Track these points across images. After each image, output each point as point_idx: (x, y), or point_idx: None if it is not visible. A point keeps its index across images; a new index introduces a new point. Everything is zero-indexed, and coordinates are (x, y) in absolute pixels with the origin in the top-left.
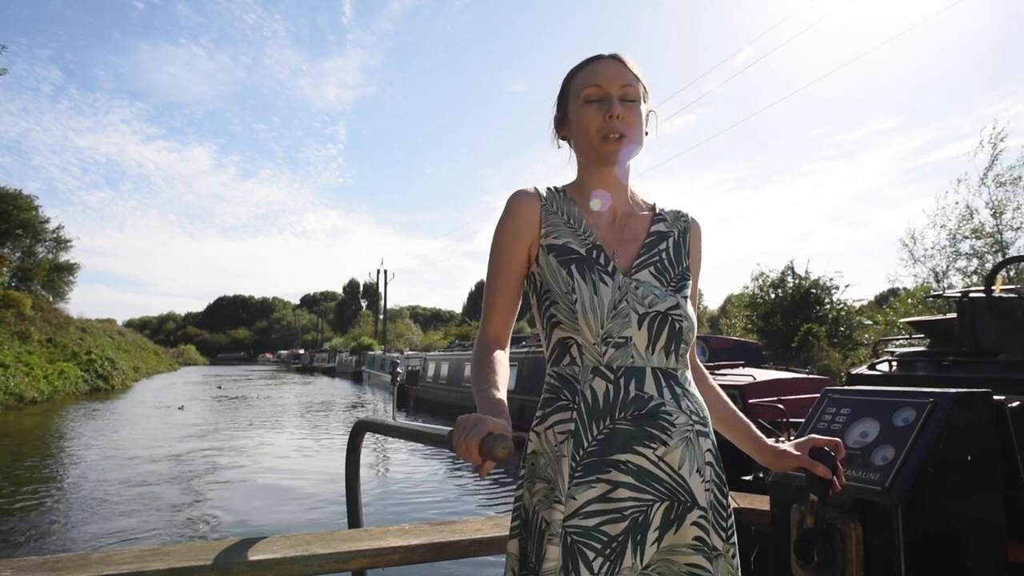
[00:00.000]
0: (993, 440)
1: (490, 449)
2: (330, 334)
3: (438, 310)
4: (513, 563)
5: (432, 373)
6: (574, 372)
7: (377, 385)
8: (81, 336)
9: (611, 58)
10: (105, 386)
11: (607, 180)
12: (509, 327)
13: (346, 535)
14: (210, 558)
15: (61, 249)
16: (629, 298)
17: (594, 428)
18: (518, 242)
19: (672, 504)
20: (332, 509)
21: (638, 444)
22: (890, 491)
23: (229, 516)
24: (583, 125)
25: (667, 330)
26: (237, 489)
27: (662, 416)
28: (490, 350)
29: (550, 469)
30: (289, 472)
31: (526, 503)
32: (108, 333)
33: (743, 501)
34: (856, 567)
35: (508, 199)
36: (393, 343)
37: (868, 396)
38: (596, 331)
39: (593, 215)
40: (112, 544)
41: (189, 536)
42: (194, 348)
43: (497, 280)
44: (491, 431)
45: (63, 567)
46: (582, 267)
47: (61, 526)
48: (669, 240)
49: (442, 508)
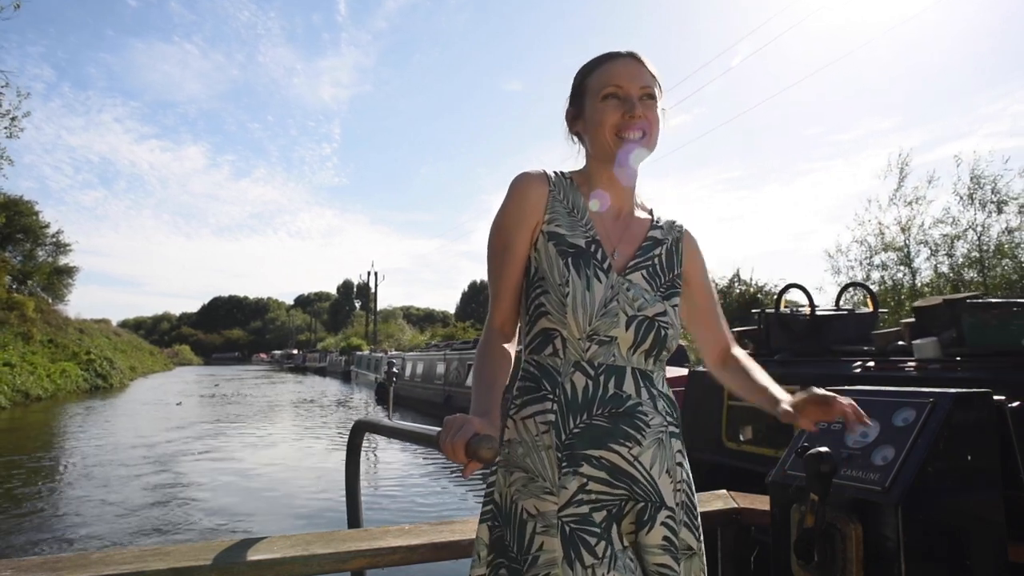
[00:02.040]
0: (993, 440)
1: (475, 450)
2: (324, 334)
3: (432, 310)
4: (481, 547)
5: (409, 372)
6: (555, 364)
7: (364, 384)
8: (80, 337)
9: (629, 56)
10: (104, 385)
11: (616, 178)
12: (517, 314)
13: (346, 535)
14: (210, 558)
15: (60, 253)
16: (620, 298)
17: (571, 421)
18: (523, 226)
19: (646, 505)
20: (324, 506)
21: (613, 442)
22: (890, 491)
23: (220, 513)
24: (599, 121)
25: (653, 335)
26: (230, 487)
27: (638, 416)
28: (494, 341)
29: (529, 459)
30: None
31: (500, 490)
32: (104, 334)
33: (743, 501)
34: (856, 567)
35: (514, 180)
36: (383, 343)
37: (868, 396)
38: (583, 327)
39: (597, 208)
40: (112, 544)
41: (186, 534)
42: (189, 348)
43: (501, 266)
44: (477, 432)
45: (63, 567)
46: (578, 261)
47: (61, 525)
48: (663, 247)
49: (442, 508)
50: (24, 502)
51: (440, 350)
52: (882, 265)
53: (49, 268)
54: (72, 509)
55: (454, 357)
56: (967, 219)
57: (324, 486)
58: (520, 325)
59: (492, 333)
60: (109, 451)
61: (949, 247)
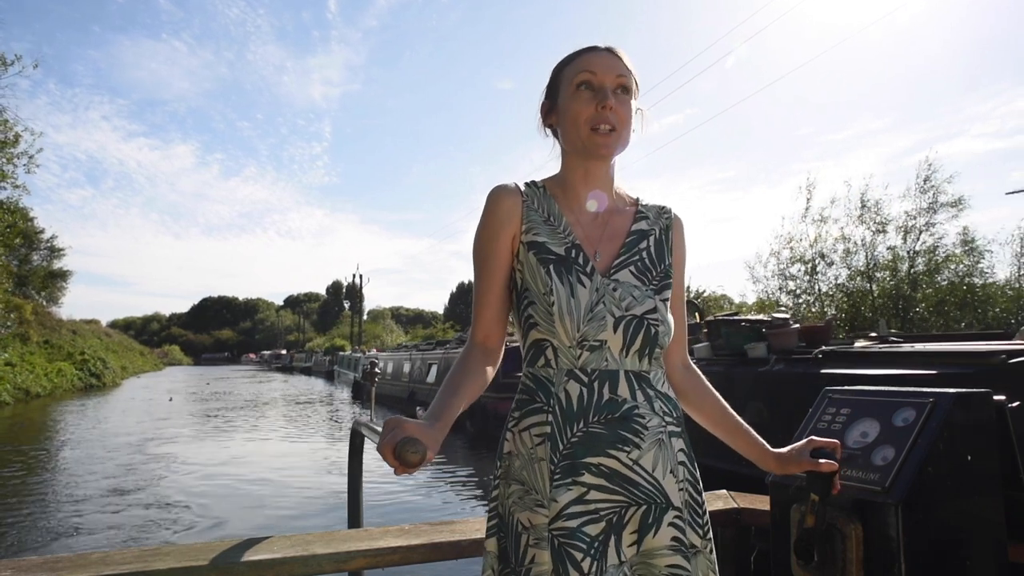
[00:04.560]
0: (993, 440)
1: (400, 454)
2: (312, 335)
3: (421, 311)
4: (492, 561)
5: (380, 370)
6: (548, 374)
7: (344, 382)
8: (73, 338)
9: (606, 50)
10: (98, 383)
11: (591, 173)
12: (501, 327)
13: (346, 535)
14: (210, 558)
15: (55, 257)
16: (606, 300)
17: (568, 431)
18: (500, 239)
19: (650, 508)
20: (307, 494)
21: (611, 448)
22: (890, 491)
23: (210, 511)
24: (573, 113)
25: (642, 334)
26: (219, 485)
27: (635, 419)
28: (472, 353)
29: (525, 471)
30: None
31: (502, 502)
32: (96, 334)
33: (743, 501)
34: (856, 567)
35: (488, 194)
36: (368, 344)
37: (868, 396)
38: (572, 334)
39: (574, 211)
40: (111, 543)
41: (183, 529)
42: (179, 349)
43: (483, 280)
44: (406, 436)
45: (63, 567)
46: (560, 268)
47: (60, 525)
48: (650, 238)
49: (442, 508)
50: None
51: (408, 350)
52: (792, 276)
53: (44, 272)
54: (72, 508)
55: (418, 357)
56: (858, 236)
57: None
58: (518, 340)
59: (472, 346)
60: (108, 447)
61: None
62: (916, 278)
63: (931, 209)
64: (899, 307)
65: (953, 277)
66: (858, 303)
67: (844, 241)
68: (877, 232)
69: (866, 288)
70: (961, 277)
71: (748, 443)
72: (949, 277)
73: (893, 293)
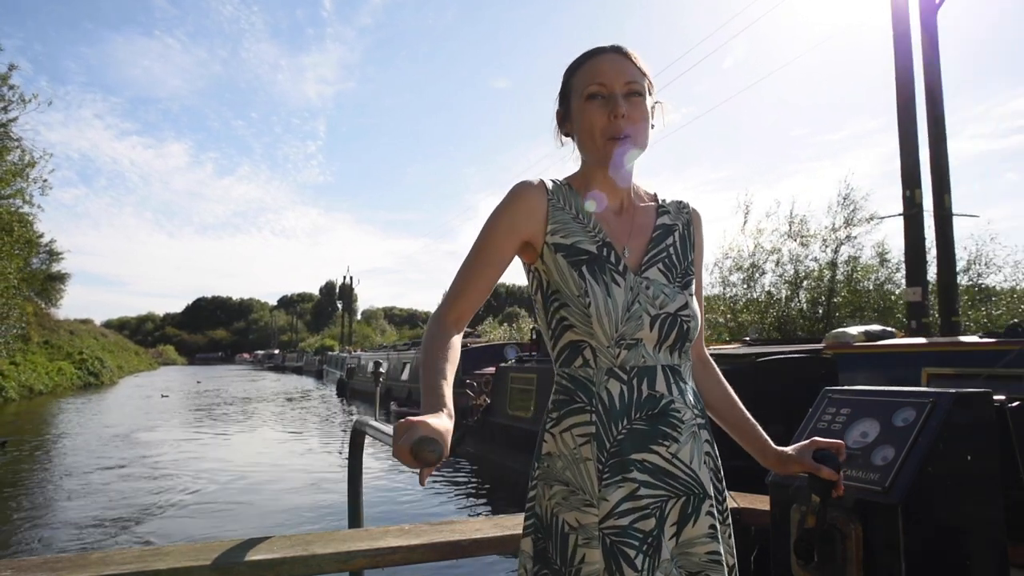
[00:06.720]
0: (993, 440)
1: (418, 454)
2: (305, 335)
3: (415, 311)
4: (526, 560)
5: (359, 368)
6: (588, 374)
7: (332, 381)
8: (71, 338)
9: (613, 51)
10: (96, 382)
11: (611, 179)
12: (473, 313)
13: (346, 535)
14: (210, 558)
15: (54, 261)
16: (641, 299)
17: (613, 429)
18: (514, 235)
19: (688, 499)
20: (310, 500)
21: (653, 443)
22: (890, 491)
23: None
24: (586, 125)
25: (676, 331)
26: (212, 481)
27: (672, 414)
28: (447, 334)
29: (569, 472)
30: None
31: (541, 503)
32: (92, 335)
33: (743, 501)
34: (856, 567)
35: (513, 188)
36: (358, 344)
37: (868, 396)
38: (610, 334)
39: (600, 208)
40: (110, 543)
41: (180, 526)
42: (173, 348)
43: (479, 265)
44: (420, 435)
45: (63, 567)
46: (593, 268)
47: (63, 523)
48: (675, 234)
49: (442, 508)
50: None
51: (386, 350)
52: (733, 284)
53: (43, 275)
54: (72, 507)
55: (394, 356)
56: (788, 249)
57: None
58: (545, 341)
59: (446, 327)
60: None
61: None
62: (834, 287)
63: (848, 223)
64: (819, 314)
65: (870, 286)
66: (784, 310)
67: (775, 253)
68: (802, 245)
69: (792, 296)
70: (878, 285)
71: (752, 438)
72: (867, 287)
73: (816, 300)
